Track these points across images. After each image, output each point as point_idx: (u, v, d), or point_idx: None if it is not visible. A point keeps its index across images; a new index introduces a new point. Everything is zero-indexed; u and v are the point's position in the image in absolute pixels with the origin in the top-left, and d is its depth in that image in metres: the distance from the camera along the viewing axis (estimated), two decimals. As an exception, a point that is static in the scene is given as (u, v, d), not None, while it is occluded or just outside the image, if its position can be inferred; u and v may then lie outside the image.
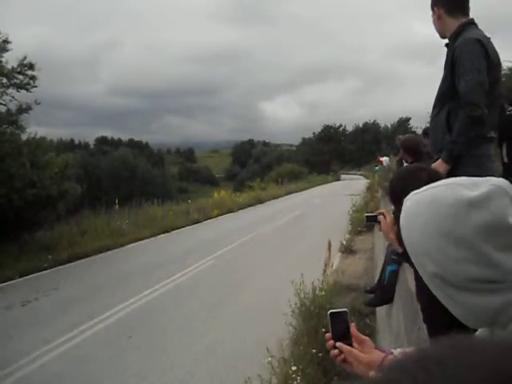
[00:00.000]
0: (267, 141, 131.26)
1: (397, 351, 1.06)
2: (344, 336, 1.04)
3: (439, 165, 2.60)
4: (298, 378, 3.40)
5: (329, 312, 1.08)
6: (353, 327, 1.06)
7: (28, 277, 9.84)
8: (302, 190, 34.73)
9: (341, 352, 1.03)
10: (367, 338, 1.06)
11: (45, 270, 10.35)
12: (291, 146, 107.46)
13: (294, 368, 3.52)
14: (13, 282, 9.48)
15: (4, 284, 9.26)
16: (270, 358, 3.81)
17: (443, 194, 0.77)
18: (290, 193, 31.18)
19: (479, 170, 2.52)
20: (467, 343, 0.37)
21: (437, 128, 2.75)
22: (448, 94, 2.66)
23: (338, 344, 1.03)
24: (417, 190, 0.84)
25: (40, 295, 8.23)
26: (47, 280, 9.59)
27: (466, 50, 2.50)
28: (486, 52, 2.50)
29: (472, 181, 0.78)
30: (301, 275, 5.72)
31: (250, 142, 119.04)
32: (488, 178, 0.78)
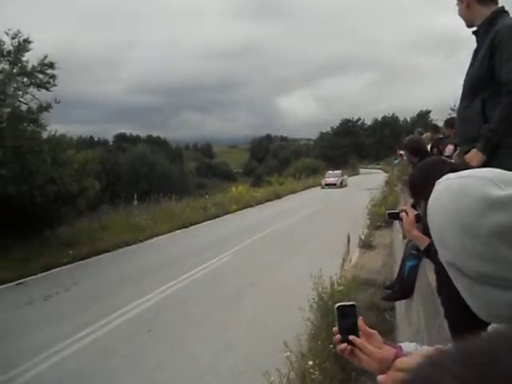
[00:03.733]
0: (285, 135, 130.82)
1: (405, 345, 1.03)
2: (352, 330, 1.02)
3: (473, 155, 2.49)
4: (316, 372, 3.38)
5: (336, 305, 1.06)
6: (361, 321, 1.03)
7: (50, 272, 10.04)
8: (320, 184, 34.52)
9: (348, 346, 1.01)
10: (375, 331, 1.04)
11: (66, 264, 10.54)
12: (309, 140, 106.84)
13: (310, 363, 3.50)
14: (35, 276, 9.68)
15: (27, 279, 9.46)
16: (288, 353, 3.80)
17: (472, 186, 0.75)
18: (308, 187, 31.12)
19: None
20: (507, 337, 0.35)
21: (469, 118, 2.63)
22: (483, 82, 2.55)
23: (352, 337, 1.00)
24: (450, 175, 0.82)
25: (61, 290, 8.37)
26: (68, 275, 9.75)
27: (510, 35, 2.42)
28: None
29: (506, 177, 0.75)
30: (319, 270, 5.70)
31: (268, 137, 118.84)
32: None
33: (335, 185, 32.62)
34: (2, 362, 5.35)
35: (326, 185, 32.96)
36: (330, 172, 37.20)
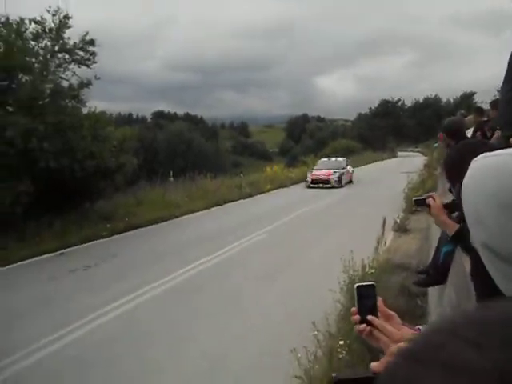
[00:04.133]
0: (322, 116, 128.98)
1: (424, 327, 1.00)
2: (371, 311, 1.00)
3: None
4: (344, 352, 3.40)
5: (355, 285, 1.04)
6: (380, 302, 1.01)
7: (89, 244, 10.43)
8: (356, 166, 33.95)
9: (367, 326, 1.00)
10: (394, 313, 1.02)
11: (104, 237, 10.91)
12: (346, 121, 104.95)
13: (341, 342, 3.52)
14: (76, 247, 10.09)
15: (68, 249, 9.88)
16: (315, 332, 3.83)
17: (511, 164, 0.72)
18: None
19: None
20: None
21: None
22: None
23: (370, 317, 0.99)
24: (488, 153, 0.79)
25: (99, 261, 8.69)
26: (106, 247, 10.11)
27: None
28: None
29: None
30: (350, 252, 5.67)
31: (305, 117, 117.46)
32: None
33: (328, 182, 20.47)
34: (49, 323, 5.69)
35: (313, 182, 20.84)
36: (325, 160, 23.90)
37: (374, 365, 0.88)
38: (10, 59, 10.58)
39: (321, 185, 20.40)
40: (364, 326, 1.00)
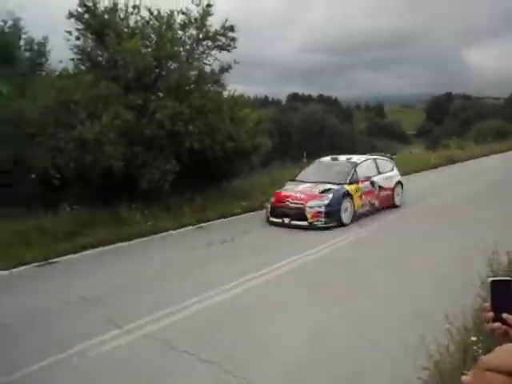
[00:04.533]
0: (468, 94, 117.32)
1: None
2: (506, 308, 0.93)
3: None
4: (480, 350, 3.17)
5: (490, 279, 0.97)
6: None
7: (225, 219, 11.15)
8: (507, 150, 30.41)
9: (502, 325, 0.93)
10: None
11: (238, 214, 11.56)
12: (498, 99, 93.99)
13: (473, 338, 3.29)
14: (213, 222, 10.87)
15: (206, 224, 10.69)
16: (448, 325, 3.63)
17: None
18: (492, 154, 27.67)
19: None
20: None
21: None
22: None
23: (505, 316, 0.93)
24: None
25: (235, 236, 9.25)
26: (240, 224, 10.71)
27: None
28: None
29: None
30: (493, 244, 5.21)
31: (448, 96, 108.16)
32: None
33: (301, 215, 9.93)
34: (189, 289, 6.28)
35: (273, 213, 10.45)
36: (322, 162, 12.70)
37: (465, 379, 0.81)
38: (161, 49, 11.61)
39: (286, 220, 10.20)
40: (498, 324, 0.94)
